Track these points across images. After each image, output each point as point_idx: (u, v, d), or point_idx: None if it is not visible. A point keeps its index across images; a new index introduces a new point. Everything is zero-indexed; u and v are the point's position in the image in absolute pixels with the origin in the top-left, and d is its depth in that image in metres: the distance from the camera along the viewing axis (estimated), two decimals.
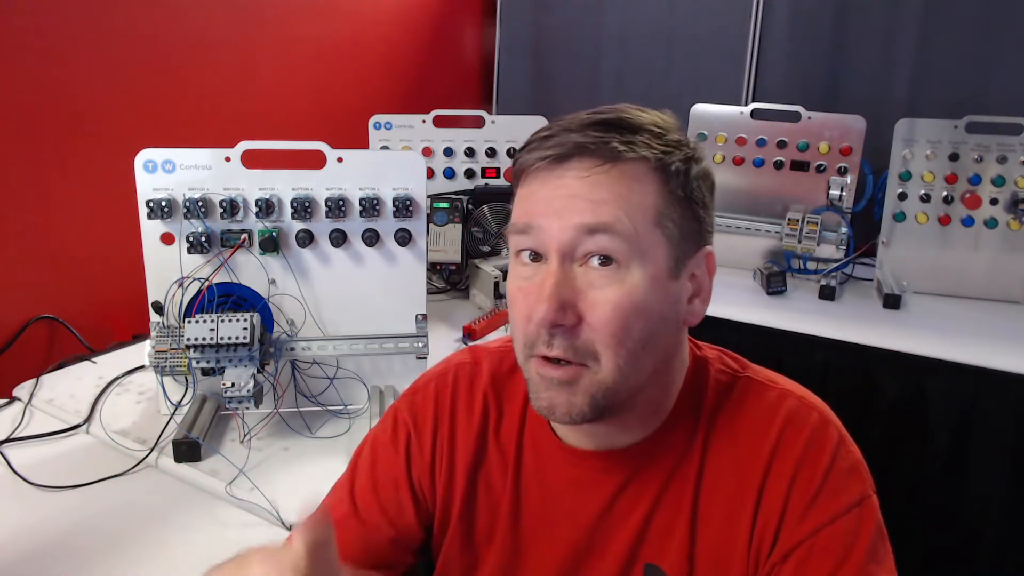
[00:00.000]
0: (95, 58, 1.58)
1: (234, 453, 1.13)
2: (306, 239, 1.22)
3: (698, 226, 0.68)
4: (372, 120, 1.99)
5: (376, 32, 2.43)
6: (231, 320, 1.10)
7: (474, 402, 0.79)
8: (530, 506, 0.75)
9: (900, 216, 1.93)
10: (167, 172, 1.17)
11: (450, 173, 2.04)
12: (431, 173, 2.01)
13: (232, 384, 1.09)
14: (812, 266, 2.02)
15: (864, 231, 2.05)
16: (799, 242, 1.99)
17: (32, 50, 1.46)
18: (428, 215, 1.60)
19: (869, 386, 1.69)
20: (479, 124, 2.04)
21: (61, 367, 1.42)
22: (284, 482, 1.07)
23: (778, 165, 2.09)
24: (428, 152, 2.02)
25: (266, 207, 1.20)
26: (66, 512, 1.01)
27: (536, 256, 0.66)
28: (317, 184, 1.22)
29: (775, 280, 1.95)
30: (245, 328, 1.09)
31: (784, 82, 2.49)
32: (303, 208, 1.20)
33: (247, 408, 1.13)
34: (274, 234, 1.20)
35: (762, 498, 0.67)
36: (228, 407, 1.13)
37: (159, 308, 1.18)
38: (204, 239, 1.18)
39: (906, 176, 1.92)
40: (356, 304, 1.26)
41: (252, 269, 1.22)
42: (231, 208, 1.18)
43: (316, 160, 1.22)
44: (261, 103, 2.02)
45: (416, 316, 1.27)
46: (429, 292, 1.74)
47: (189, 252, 1.18)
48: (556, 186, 0.64)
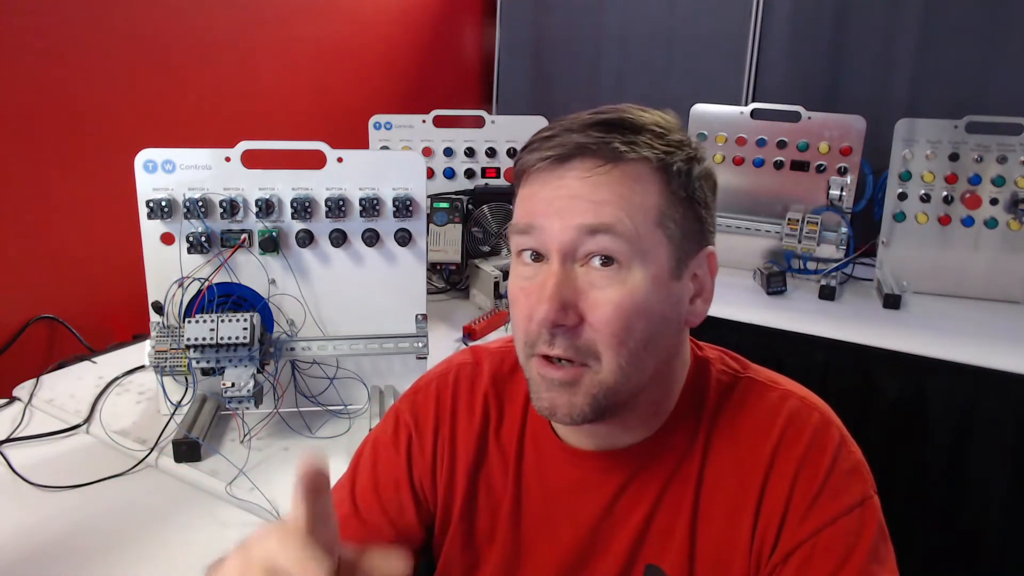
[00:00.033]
0: (95, 58, 1.58)
1: (234, 453, 1.13)
2: (306, 239, 1.22)
3: (700, 226, 0.67)
4: (372, 120, 1.99)
5: (376, 32, 2.43)
6: (231, 320, 1.10)
7: (475, 402, 0.79)
8: (531, 506, 0.75)
9: (900, 216, 1.93)
10: (167, 172, 1.17)
11: (450, 173, 2.04)
12: (431, 173, 2.01)
13: (232, 384, 1.09)
14: (812, 266, 2.02)
15: (864, 231, 2.05)
16: (799, 242, 1.99)
17: (32, 50, 1.46)
18: (428, 215, 1.60)
19: (869, 386, 1.69)
20: (479, 124, 2.04)
21: (61, 367, 1.42)
22: (284, 482, 1.07)
23: (778, 165, 2.09)
24: (428, 152, 2.02)
25: (266, 207, 1.20)
26: (66, 512, 1.01)
27: (537, 256, 0.66)
28: (317, 184, 1.22)
29: (775, 280, 1.95)
30: (245, 328, 1.09)
31: (784, 82, 2.49)
32: (303, 208, 1.20)
33: (247, 408, 1.13)
34: (274, 234, 1.20)
35: (763, 498, 0.66)
36: (228, 407, 1.13)
37: (159, 308, 1.18)
38: (204, 239, 1.18)
39: (906, 176, 1.92)
40: (356, 304, 1.26)
41: (252, 269, 1.22)
42: (231, 208, 1.18)
43: (316, 160, 1.22)
44: (261, 103, 2.02)
45: (416, 316, 1.27)
46: (429, 292, 1.74)
47: (189, 252, 1.18)
48: (557, 186, 0.64)
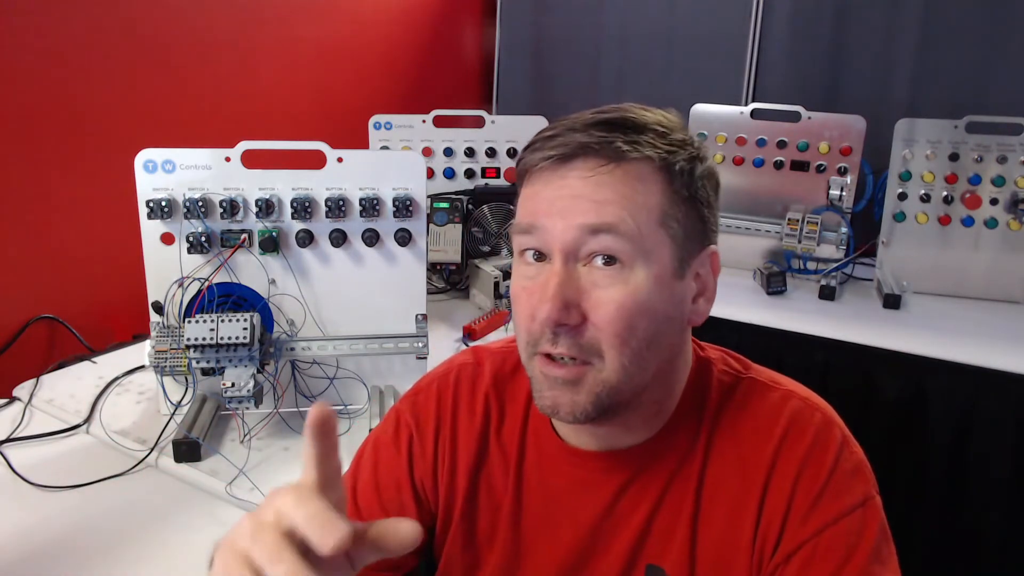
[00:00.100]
0: (95, 58, 1.58)
1: (234, 453, 1.13)
2: (306, 239, 1.22)
3: (702, 226, 0.67)
4: (372, 120, 1.99)
5: (376, 32, 2.43)
6: (231, 320, 1.10)
7: (476, 403, 0.79)
8: (532, 506, 0.75)
9: (900, 216, 1.93)
10: (167, 172, 1.17)
11: (450, 173, 2.04)
12: (431, 173, 2.01)
13: (232, 384, 1.09)
14: (812, 266, 2.02)
15: (864, 231, 2.05)
16: (799, 242, 1.99)
17: (32, 50, 1.45)
18: (428, 215, 1.60)
19: (869, 386, 1.69)
20: (479, 124, 2.04)
21: (61, 367, 1.42)
22: (284, 482, 1.05)
23: (778, 165, 2.08)
24: (428, 152, 2.02)
25: (266, 207, 1.19)
26: (66, 512, 1.01)
27: (540, 256, 0.65)
28: (317, 184, 1.22)
29: (775, 280, 1.95)
30: (245, 328, 1.09)
31: (784, 82, 2.49)
32: (303, 208, 1.20)
33: (247, 408, 1.13)
34: (274, 234, 1.20)
35: (765, 498, 0.66)
36: (228, 407, 1.13)
37: (159, 308, 1.18)
38: (204, 239, 1.18)
39: (906, 176, 1.92)
40: (356, 304, 1.26)
41: (252, 269, 1.21)
42: (231, 208, 1.18)
43: (316, 160, 1.22)
44: (261, 103, 2.02)
45: (416, 316, 1.27)
46: (429, 292, 1.74)
47: (189, 252, 1.18)
48: (560, 186, 0.64)
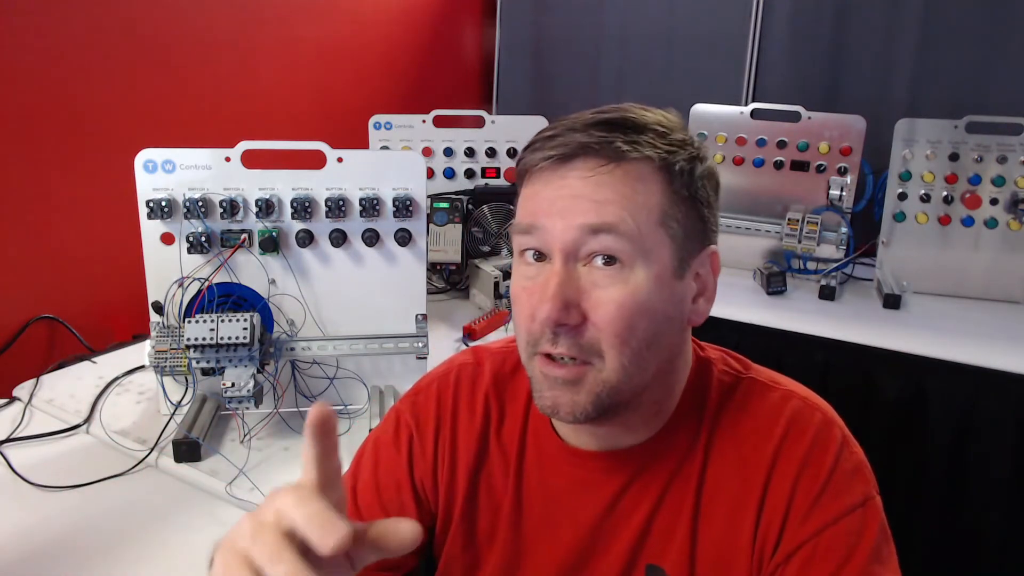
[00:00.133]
0: (95, 58, 1.58)
1: (234, 453, 1.13)
2: (306, 239, 1.22)
3: (702, 225, 0.67)
4: (372, 120, 1.99)
5: (376, 32, 2.43)
6: (231, 320, 1.10)
7: (476, 403, 0.79)
8: (532, 506, 0.75)
9: (900, 216, 1.93)
10: (167, 172, 1.17)
11: (450, 173, 2.04)
12: (431, 173, 2.01)
13: (232, 384, 1.09)
14: (812, 266, 2.02)
15: (864, 231, 2.05)
16: (799, 242, 1.98)
17: (32, 50, 1.45)
18: (428, 215, 1.60)
19: (869, 386, 1.69)
20: (479, 124, 2.04)
21: (61, 367, 1.42)
22: (284, 482, 1.05)
23: (778, 165, 2.08)
24: (428, 152, 2.02)
25: (266, 207, 1.19)
26: (66, 512, 1.01)
27: (540, 256, 0.65)
28: (317, 184, 1.22)
29: (775, 280, 1.95)
30: (245, 328, 1.09)
31: (784, 82, 2.49)
32: (303, 208, 1.20)
33: (247, 408, 1.13)
34: (274, 234, 1.20)
35: (766, 498, 0.66)
36: (228, 407, 1.13)
37: (159, 308, 1.18)
38: (204, 239, 1.18)
39: (906, 176, 1.91)
40: (356, 304, 1.26)
41: (252, 269, 1.21)
42: (231, 208, 1.18)
43: (316, 160, 1.22)
44: (261, 103, 2.02)
45: (416, 316, 1.27)
46: (429, 292, 1.74)
47: (189, 252, 1.18)
48: (560, 186, 0.64)
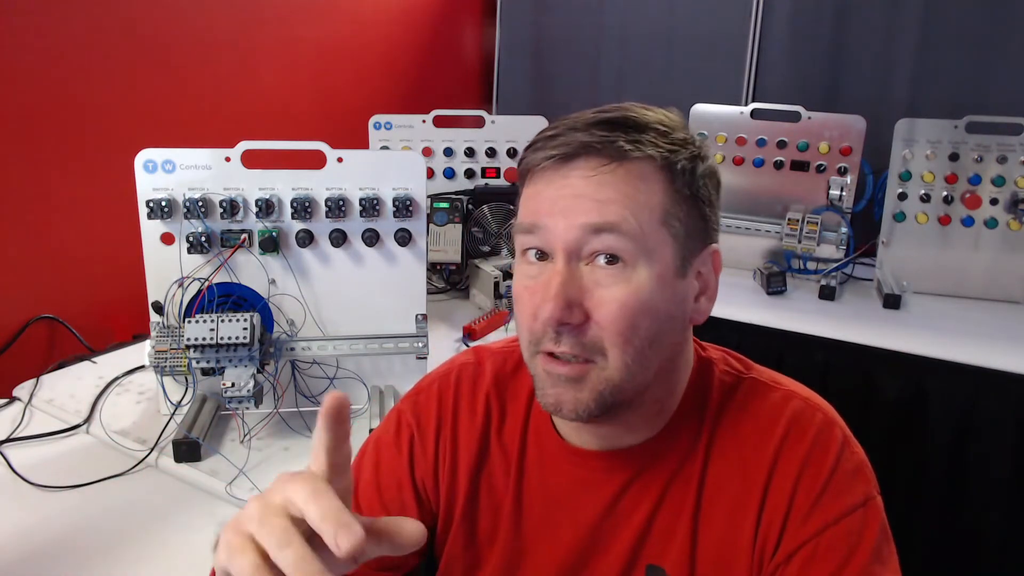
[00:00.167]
0: (95, 58, 1.58)
1: (234, 453, 1.13)
2: (306, 239, 1.22)
3: (704, 224, 0.67)
4: (372, 120, 1.99)
5: (376, 32, 2.43)
6: (231, 320, 1.09)
7: (477, 402, 0.79)
8: (532, 506, 0.75)
9: (900, 216, 1.93)
10: (167, 172, 1.17)
11: (450, 173, 2.04)
12: (431, 173, 2.01)
13: (232, 384, 1.09)
14: (812, 266, 2.02)
15: (864, 231, 2.05)
16: (799, 242, 1.99)
17: (32, 50, 1.45)
18: (428, 215, 1.60)
19: (869, 386, 1.69)
20: (479, 124, 2.04)
21: (61, 367, 1.42)
22: None
23: (778, 165, 2.08)
24: (428, 152, 2.02)
25: (266, 207, 1.19)
26: (66, 512, 1.01)
27: (542, 255, 0.65)
28: (317, 184, 1.22)
29: (775, 280, 1.95)
30: (245, 328, 1.09)
31: (784, 82, 2.49)
32: (303, 208, 1.20)
33: (247, 408, 1.13)
34: (274, 234, 1.20)
35: (766, 498, 0.66)
36: (228, 407, 1.13)
37: (159, 308, 1.18)
38: (204, 239, 1.18)
39: (906, 176, 1.92)
40: (356, 304, 1.26)
41: (252, 269, 1.21)
42: (231, 208, 1.18)
43: (316, 160, 1.22)
44: (261, 103, 2.02)
45: (416, 316, 1.27)
46: (429, 292, 1.74)
47: (189, 252, 1.18)
48: (562, 185, 0.64)
